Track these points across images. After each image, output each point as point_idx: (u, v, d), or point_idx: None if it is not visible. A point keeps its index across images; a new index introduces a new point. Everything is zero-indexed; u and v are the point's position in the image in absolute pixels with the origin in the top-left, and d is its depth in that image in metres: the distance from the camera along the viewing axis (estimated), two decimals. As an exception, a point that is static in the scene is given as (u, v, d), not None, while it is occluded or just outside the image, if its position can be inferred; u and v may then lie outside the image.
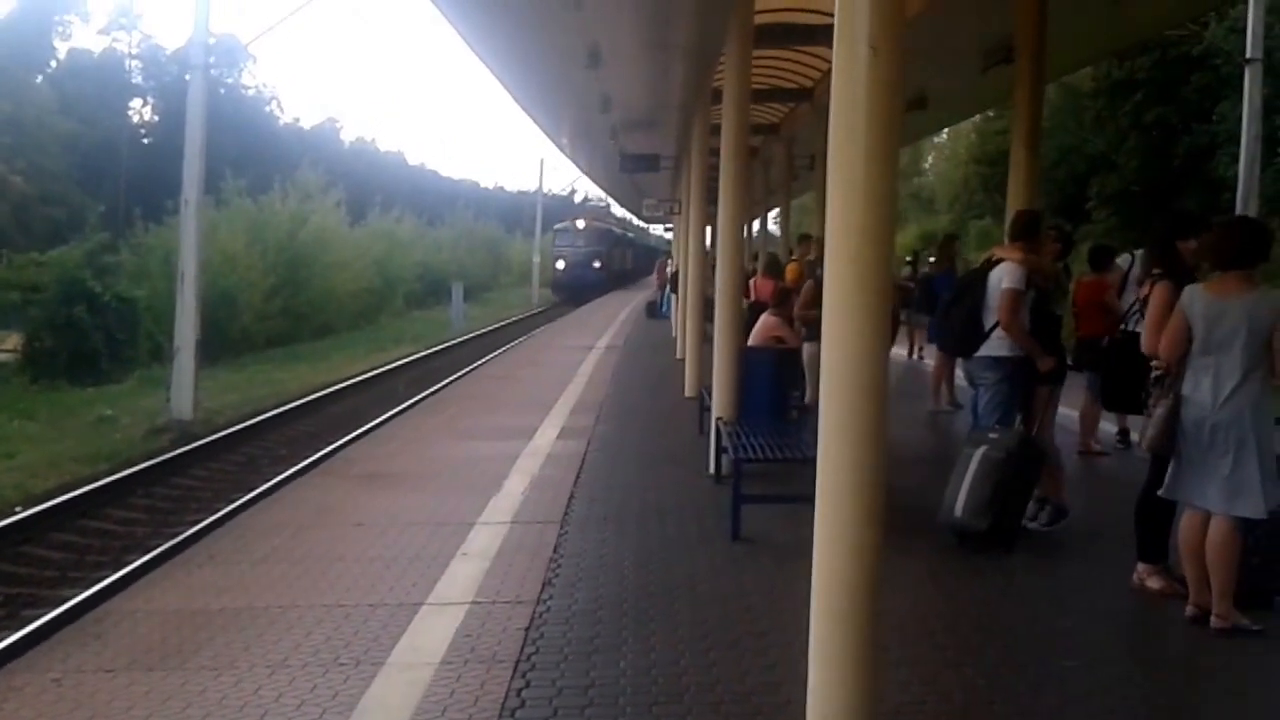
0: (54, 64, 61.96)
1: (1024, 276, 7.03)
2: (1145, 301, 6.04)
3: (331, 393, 21.56)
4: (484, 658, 5.02)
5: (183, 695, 4.56)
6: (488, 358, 22.78)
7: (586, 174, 44.96)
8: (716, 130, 9.85)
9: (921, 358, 16.84)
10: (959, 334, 7.43)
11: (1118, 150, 33.84)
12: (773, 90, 17.41)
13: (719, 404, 9.30)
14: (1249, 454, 5.19)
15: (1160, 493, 5.59)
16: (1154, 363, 5.67)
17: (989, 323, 7.10)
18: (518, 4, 10.31)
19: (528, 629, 5.39)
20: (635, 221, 71.62)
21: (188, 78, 18.77)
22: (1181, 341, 5.42)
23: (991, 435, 6.79)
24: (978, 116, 33.67)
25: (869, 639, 3.81)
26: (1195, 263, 6.05)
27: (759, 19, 9.41)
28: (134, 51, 63.77)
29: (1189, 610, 5.49)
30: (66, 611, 8.06)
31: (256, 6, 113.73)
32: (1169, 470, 5.51)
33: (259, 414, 18.44)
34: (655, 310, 31.68)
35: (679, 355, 17.50)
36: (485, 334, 35.15)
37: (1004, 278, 7.05)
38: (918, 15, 12.19)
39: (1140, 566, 5.99)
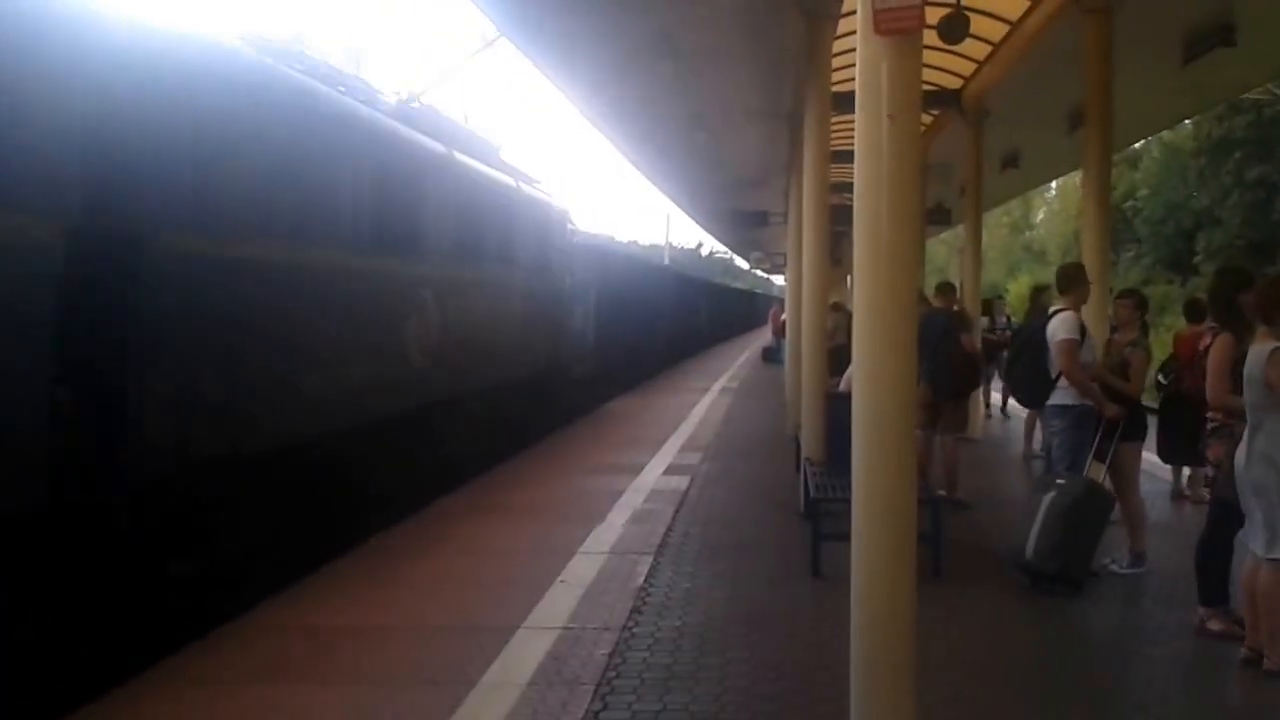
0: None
1: (1077, 325, 7.30)
2: (1205, 353, 6.21)
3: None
4: (568, 680, 5.39)
5: (288, 709, 5.07)
6: (605, 405, 23.17)
7: (706, 229, 45.78)
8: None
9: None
10: (1028, 386, 7.72)
11: (1221, 206, 34.42)
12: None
13: (808, 444, 9.65)
14: (1274, 498, 5.33)
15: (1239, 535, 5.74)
16: (1209, 414, 5.84)
17: (1054, 372, 7.37)
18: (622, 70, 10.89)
19: (611, 654, 5.76)
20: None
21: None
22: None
23: (1059, 481, 7.03)
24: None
25: (906, 672, 4.07)
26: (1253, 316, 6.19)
27: (837, 89, 9.91)
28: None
29: (1243, 652, 5.62)
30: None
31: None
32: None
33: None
34: (771, 355, 32.01)
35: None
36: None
37: (1058, 330, 7.34)
38: (1009, 81, 12.68)
39: (1201, 609, 6.12)
